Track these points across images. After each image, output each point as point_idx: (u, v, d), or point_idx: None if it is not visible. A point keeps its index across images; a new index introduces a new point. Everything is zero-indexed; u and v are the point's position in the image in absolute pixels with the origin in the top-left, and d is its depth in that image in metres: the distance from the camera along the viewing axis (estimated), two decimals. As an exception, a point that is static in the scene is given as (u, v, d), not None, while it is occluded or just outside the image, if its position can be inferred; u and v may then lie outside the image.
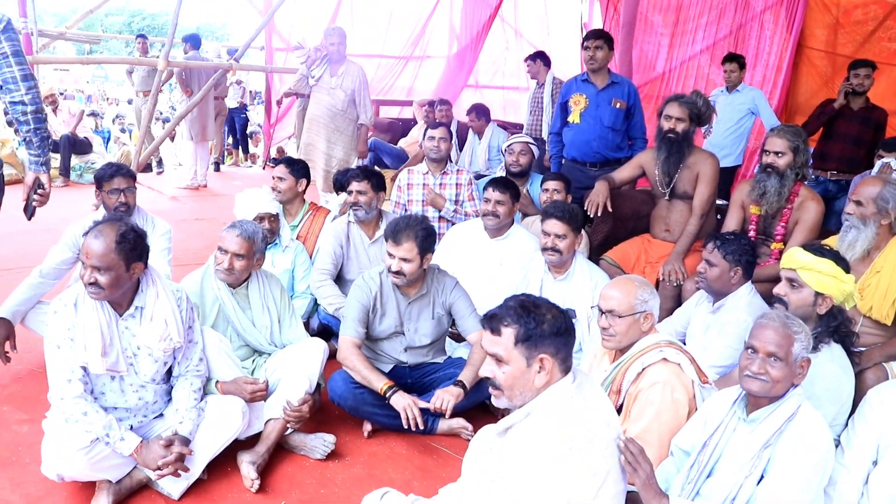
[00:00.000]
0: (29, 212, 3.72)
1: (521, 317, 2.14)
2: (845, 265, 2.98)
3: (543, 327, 2.13)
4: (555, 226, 3.92)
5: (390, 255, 3.51)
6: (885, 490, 2.60)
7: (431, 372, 3.76)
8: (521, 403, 2.19)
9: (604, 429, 2.16)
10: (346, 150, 6.88)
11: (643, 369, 2.87)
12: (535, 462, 2.08)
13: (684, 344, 3.61)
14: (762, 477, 2.39)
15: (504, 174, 5.47)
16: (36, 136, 3.59)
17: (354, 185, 4.45)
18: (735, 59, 6.82)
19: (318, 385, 3.50)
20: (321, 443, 3.36)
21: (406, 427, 3.32)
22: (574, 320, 2.32)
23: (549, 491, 2.07)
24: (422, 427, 3.30)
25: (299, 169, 4.88)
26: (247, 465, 3.11)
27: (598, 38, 5.42)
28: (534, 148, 5.52)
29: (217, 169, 11.24)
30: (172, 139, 12.48)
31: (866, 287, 3.45)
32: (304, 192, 4.97)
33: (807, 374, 2.46)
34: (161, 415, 3.11)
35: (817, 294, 2.94)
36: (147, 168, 10.29)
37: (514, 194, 4.53)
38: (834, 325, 2.95)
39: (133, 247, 2.77)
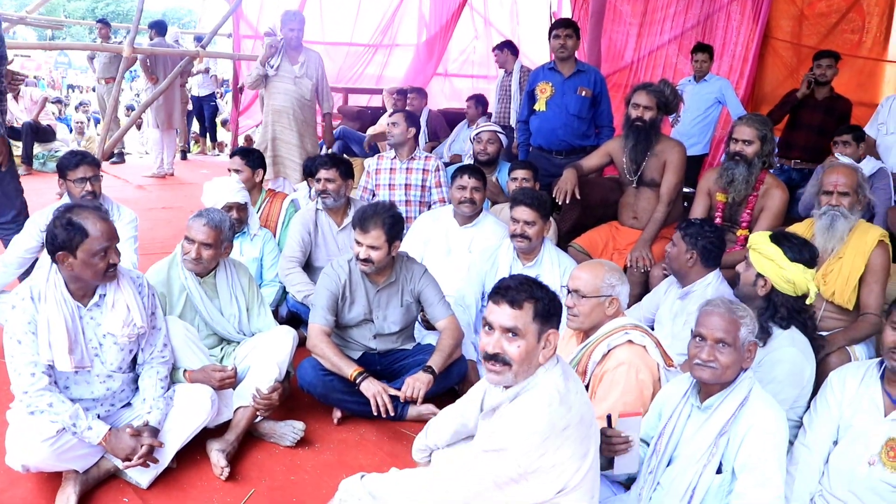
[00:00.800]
0: None
1: (539, 292, 2.21)
2: (800, 255, 2.99)
3: (556, 304, 2.22)
4: (524, 212, 3.94)
5: (358, 242, 3.50)
6: (844, 468, 2.66)
7: (401, 358, 3.76)
8: (521, 380, 2.23)
9: (588, 410, 2.26)
10: (313, 141, 6.64)
11: (609, 351, 2.91)
12: (529, 440, 2.12)
13: (652, 330, 3.66)
14: (720, 465, 2.42)
15: (472, 162, 5.49)
16: None
17: (323, 173, 4.44)
18: (705, 49, 6.89)
19: (288, 373, 3.50)
20: (291, 430, 3.36)
21: (376, 414, 3.33)
22: None
23: (542, 470, 2.14)
24: (392, 413, 3.31)
25: (255, 159, 4.87)
26: (216, 454, 3.09)
27: (568, 27, 5.46)
28: (502, 136, 5.54)
29: (184, 157, 11.13)
30: (139, 127, 12.32)
31: (829, 272, 3.52)
32: (262, 182, 4.96)
33: (755, 357, 2.50)
34: (129, 404, 3.08)
35: (758, 275, 3.02)
36: (112, 156, 10.15)
37: (485, 182, 4.55)
38: (769, 309, 3.00)
39: None
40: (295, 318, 4.38)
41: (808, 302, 3.01)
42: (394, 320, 3.72)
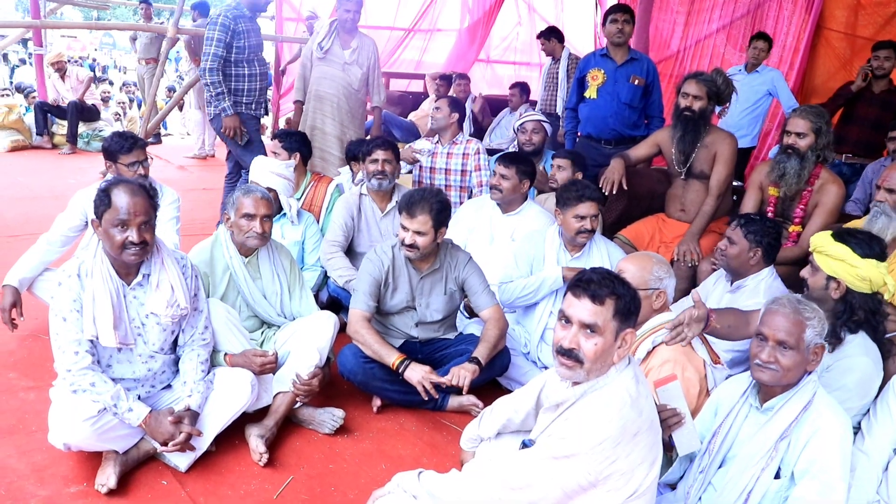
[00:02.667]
0: None
1: (621, 288, 2.15)
2: (870, 249, 2.85)
3: (637, 302, 2.15)
4: (591, 207, 3.83)
5: (404, 227, 3.45)
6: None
7: (442, 348, 3.71)
8: (592, 378, 2.16)
9: (656, 416, 2.21)
10: (358, 135, 5.94)
11: (654, 347, 2.84)
12: (601, 446, 2.05)
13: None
14: (779, 470, 2.34)
15: (516, 151, 5.42)
16: None
17: (381, 154, 4.40)
18: (765, 38, 6.71)
19: (329, 359, 3.47)
20: (330, 417, 3.33)
21: (426, 398, 3.30)
22: None
23: (612, 477, 2.07)
24: (437, 397, 3.28)
25: (293, 143, 4.83)
26: (255, 439, 3.07)
27: (626, 12, 5.36)
28: (546, 125, 5.44)
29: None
30: (181, 109, 12.41)
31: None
32: (305, 164, 4.96)
33: (821, 360, 2.40)
34: (169, 385, 3.08)
35: (829, 278, 2.87)
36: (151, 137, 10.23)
37: (523, 170, 4.43)
38: (845, 312, 2.85)
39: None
40: (336, 303, 4.35)
41: (886, 297, 2.87)
42: (437, 308, 3.67)
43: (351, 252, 4.45)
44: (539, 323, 3.91)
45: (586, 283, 2.13)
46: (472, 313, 4.02)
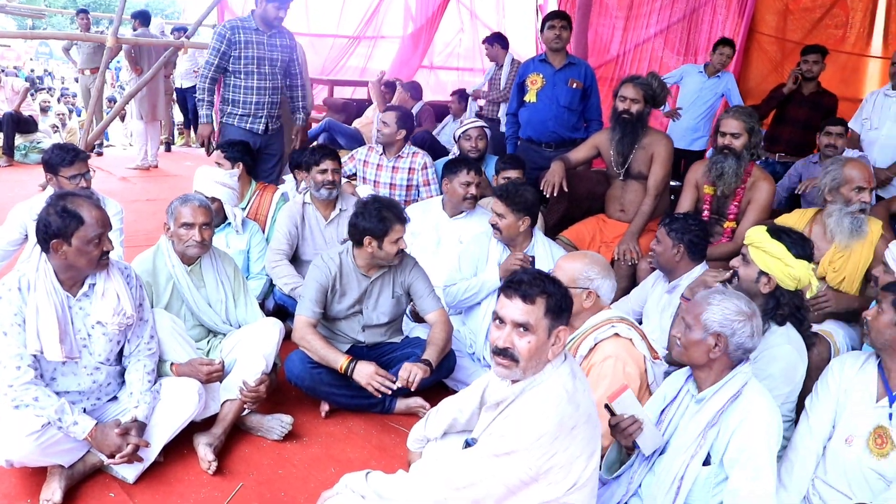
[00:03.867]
0: None
1: (551, 287, 2.20)
2: (802, 250, 2.98)
3: (568, 300, 2.21)
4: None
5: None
6: (839, 455, 2.69)
7: (389, 352, 3.75)
8: (529, 376, 2.22)
9: (594, 409, 2.27)
10: (290, 138, 5.97)
11: (595, 344, 2.92)
12: (540, 442, 2.11)
13: (640, 324, 3.68)
14: (709, 457, 2.42)
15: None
16: None
17: (329, 164, 4.40)
18: (730, 44, 6.88)
19: (275, 365, 3.48)
20: (278, 423, 3.35)
21: (369, 403, 3.37)
22: None
23: (553, 470, 2.14)
24: (388, 394, 3.32)
25: (236, 152, 4.82)
26: (203, 447, 3.07)
27: (563, 19, 5.47)
28: (487, 131, 5.51)
29: (168, 149, 11.04)
30: (122, 119, 12.22)
31: (836, 260, 3.58)
32: (250, 173, 4.94)
33: (724, 348, 2.46)
34: (115, 397, 3.05)
35: (761, 272, 2.98)
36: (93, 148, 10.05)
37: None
38: (772, 307, 2.97)
39: None
40: (282, 310, 4.35)
41: (808, 296, 3.01)
42: (384, 311, 3.71)
43: (296, 260, 4.46)
44: (483, 322, 3.99)
45: (517, 284, 2.20)
46: (417, 318, 4.07)
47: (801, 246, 2.97)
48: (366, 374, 3.32)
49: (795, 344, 2.91)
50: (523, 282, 2.19)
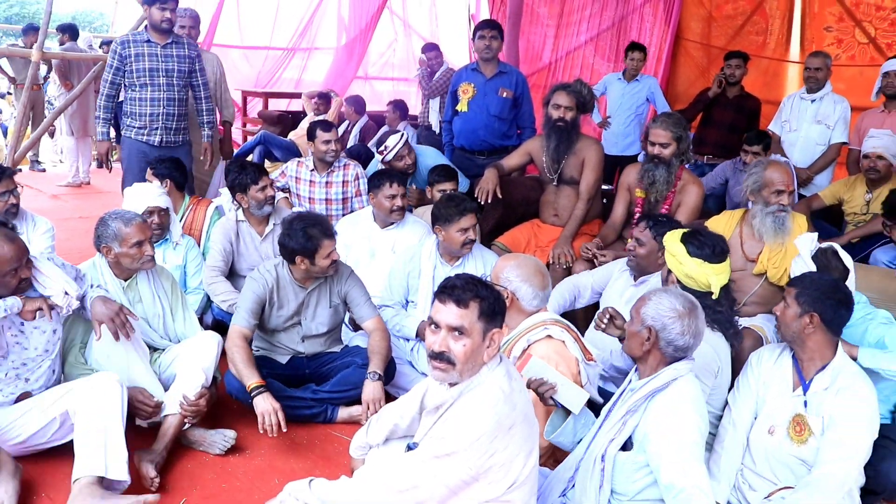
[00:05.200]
0: None
1: (484, 291, 2.24)
2: (701, 251, 3.07)
3: (501, 303, 2.25)
4: (472, 219, 4.00)
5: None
6: (761, 444, 2.82)
7: (329, 361, 3.78)
8: (466, 379, 2.26)
9: (531, 409, 2.32)
10: (197, 154, 5.85)
11: (528, 346, 2.98)
12: (478, 442, 2.15)
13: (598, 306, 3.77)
14: (631, 444, 2.50)
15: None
16: None
17: (266, 181, 4.40)
18: (640, 49, 7.02)
19: (215, 378, 3.48)
20: (221, 438, 3.33)
21: (311, 414, 3.42)
22: None
23: (493, 469, 2.18)
24: (276, 433, 3.24)
25: (164, 169, 4.76)
26: (145, 465, 3.04)
27: (494, 28, 5.53)
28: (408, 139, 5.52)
29: (100, 166, 10.80)
30: (51, 135, 11.93)
31: (773, 257, 3.71)
32: (180, 189, 4.87)
33: (654, 342, 2.53)
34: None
35: (669, 270, 3.15)
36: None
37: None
38: None
39: None
40: (221, 326, 4.32)
41: (714, 297, 3.08)
42: (322, 321, 3.73)
43: (232, 275, 4.43)
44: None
45: (451, 289, 2.25)
46: (356, 326, 4.11)
47: (700, 246, 3.07)
48: (265, 407, 3.23)
49: (711, 340, 2.99)
50: (456, 287, 2.24)
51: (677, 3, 8.46)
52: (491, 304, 2.24)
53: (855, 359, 2.95)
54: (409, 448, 2.51)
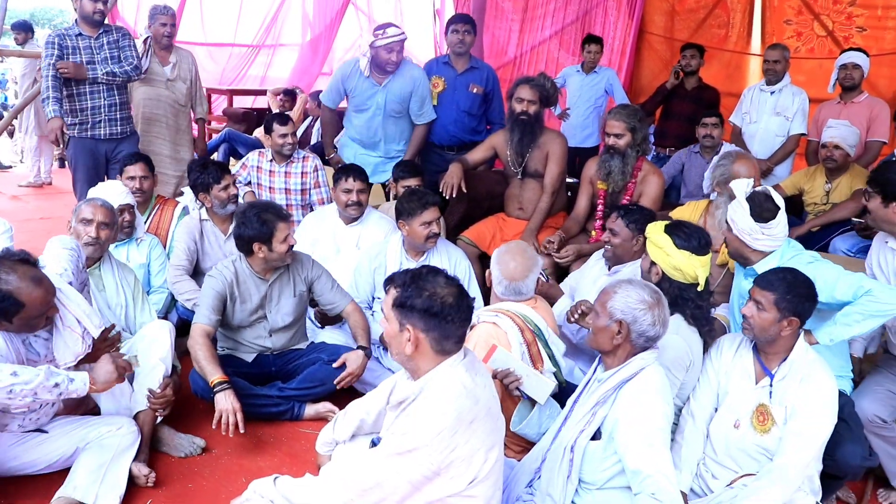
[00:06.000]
0: None
1: (405, 283, 2.24)
2: (688, 243, 3.04)
3: (415, 301, 2.21)
4: (435, 212, 4.01)
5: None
6: (722, 434, 2.86)
7: (295, 358, 3.78)
8: (403, 365, 2.29)
9: (495, 403, 2.31)
10: (190, 151, 6.08)
11: (476, 323, 3.05)
12: (439, 437, 2.14)
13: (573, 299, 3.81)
14: (600, 434, 2.52)
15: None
16: None
17: (229, 179, 4.41)
18: (596, 41, 7.07)
19: (175, 367, 3.45)
20: (189, 443, 3.32)
21: (277, 412, 3.44)
22: None
23: (454, 464, 2.16)
24: (232, 433, 3.25)
25: (154, 166, 4.78)
26: (136, 464, 3.01)
27: (467, 23, 5.52)
28: None
29: (62, 165, 10.66)
30: (11, 135, 11.72)
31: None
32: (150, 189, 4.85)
33: (626, 335, 2.55)
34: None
35: (652, 262, 3.12)
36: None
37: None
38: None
39: None
40: (186, 325, 4.29)
41: (699, 289, 3.08)
42: (287, 311, 3.73)
43: (198, 274, 4.39)
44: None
45: (391, 277, 2.31)
46: (324, 321, 4.10)
47: (687, 238, 3.05)
48: (225, 405, 3.23)
49: (683, 333, 3.01)
50: (393, 275, 2.30)
51: (641, -2, 8.54)
52: (403, 298, 2.22)
53: (814, 343, 3.02)
54: (374, 443, 2.52)
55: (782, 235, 3.19)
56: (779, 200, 3.21)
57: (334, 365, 3.58)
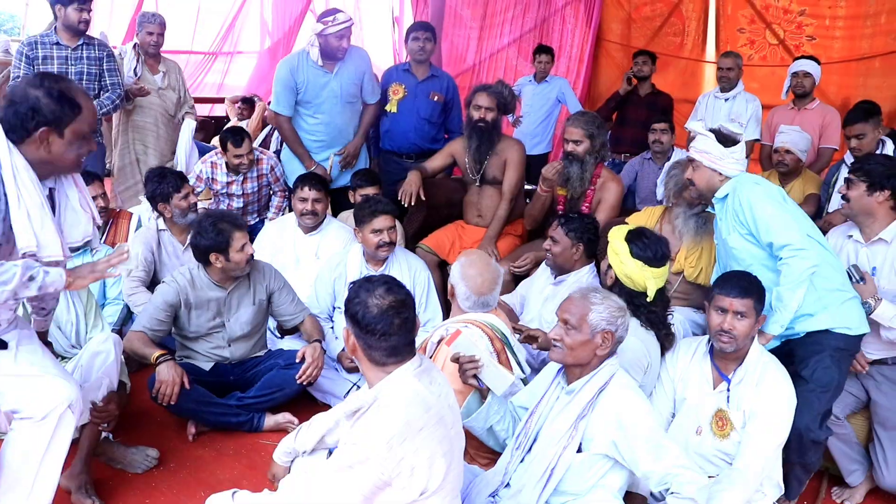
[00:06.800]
0: None
1: (354, 293, 2.24)
2: (643, 253, 3.08)
3: (349, 306, 2.23)
4: (388, 220, 3.99)
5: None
6: (681, 439, 2.89)
7: (254, 366, 3.76)
8: (376, 382, 2.25)
9: (448, 411, 2.27)
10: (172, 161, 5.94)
11: (445, 336, 3.03)
12: (387, 446, 2.10)
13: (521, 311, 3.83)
14: (581, 446, 2.52)
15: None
16: None
17: (188, 188, 4.37)
18: (547, 51, 7.13)
19: (123, 383, 3.34)
20: (143, 457, 3.27)
21: (237, 422, 3.41)
22: None
23: (403, 474, 2.12)
24: (172, 402, 3.28)
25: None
26: (79, 497, 2.94)
27: (428, 30, 5.52)
28: None
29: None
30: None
31: (691, 256, 3.83)
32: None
33: (612, 345, 2.58)
34: None
35: (609, 265, 3.18)
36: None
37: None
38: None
39: None
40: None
41: (648, 299, 3.11)
42: (246, 320, 3.70)
43: (155, 285, 4.31)
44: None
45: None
46: (283, 332, 4.07)
47: (644, 248, 3.10)
48: (166, 375, 3.26)
49: (640, 335, 3.06)
50: (364, 280, 2.30)
51: (597, 5, 8.61)
52: (347, 300, 2.26)
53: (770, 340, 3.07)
54: (331, 453, 2.50)
55: (744, 159, 3.29)
56: (736, 128, 3.30)
57: (296, 360, 3.58)
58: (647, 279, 3.07)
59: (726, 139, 3.24)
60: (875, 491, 3.34)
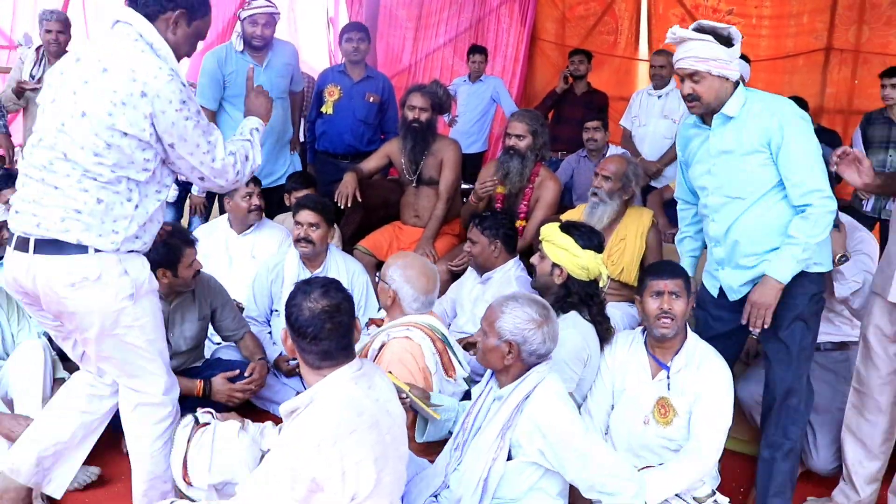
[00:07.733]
0: None
1: (292, 295, 2.24)
2: (590, 241, 3.13)
3: (289, 316, 2.21)
4: (308, 216, 3.95)
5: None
6: (623, 430, 2.95)
7: (192, 377, 3.65)
8: (313, 383, 2.23)
9: (385, 416, 2.23)
10: None
11: (388, 340, 3.04)
12: (317, 449, 2.07)
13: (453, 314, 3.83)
14: (511, 453, 2.52)
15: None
16: None
17: None
18: (481, 51, 7.18)
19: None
20: (83, 474, 3.15)
21: None
22: None
23: (333, 478, 2.08)
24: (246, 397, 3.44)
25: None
26: None
27: (361, 31, 5.49)
28: None
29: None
30: None
31: (613, 253, 3.86)
32: None
33: (517, 355, 2.55)
34: None
35: (554, 265, 3.16)
36: None
37: None
38: (563, 296, 3.15)
39: None
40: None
41: (601, 285, 3.17)
42: (191, 336, 3.64)
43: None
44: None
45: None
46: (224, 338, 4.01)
47: (589, 238, 3.15)
48: (224, 386, 3.46)
49: (581, 328, 3.08)
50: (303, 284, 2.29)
51: (532, 5, 8.67)
52: (287, 310, 2.25)
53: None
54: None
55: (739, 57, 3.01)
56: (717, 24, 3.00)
57: (245, 374, 3.58)
58: (600, 266, 3.13)
59: (725, 39, 2.87)
60: (806, 473, 3.42)
